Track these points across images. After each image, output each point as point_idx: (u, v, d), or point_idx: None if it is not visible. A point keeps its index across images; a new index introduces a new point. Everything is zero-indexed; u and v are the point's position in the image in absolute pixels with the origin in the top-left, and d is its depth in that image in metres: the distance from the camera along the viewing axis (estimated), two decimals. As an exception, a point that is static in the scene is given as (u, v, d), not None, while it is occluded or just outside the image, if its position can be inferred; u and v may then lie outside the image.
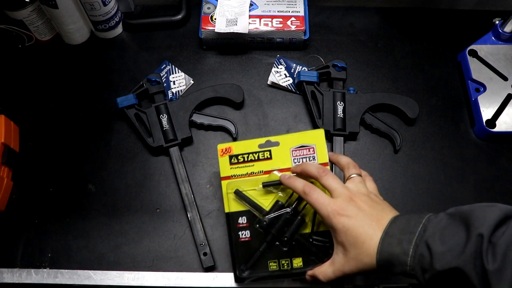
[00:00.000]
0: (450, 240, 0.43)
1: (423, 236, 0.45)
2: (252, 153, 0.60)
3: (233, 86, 0.74)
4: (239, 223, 0.59)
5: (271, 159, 0.60)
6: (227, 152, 0.61)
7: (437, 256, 0.43)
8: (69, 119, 0.74)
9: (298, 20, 0.77)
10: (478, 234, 0.41)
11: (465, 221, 0.44)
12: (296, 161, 0.59)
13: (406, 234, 0.46)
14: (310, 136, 0.60)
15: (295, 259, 0.57)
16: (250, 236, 0.59)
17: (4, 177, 0.67)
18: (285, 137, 0.61)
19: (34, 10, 0.75)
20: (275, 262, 0.57)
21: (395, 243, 0.47)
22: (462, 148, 0.72)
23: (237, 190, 0.60)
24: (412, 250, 0.45)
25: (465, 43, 0.79)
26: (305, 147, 0.60)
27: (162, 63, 0.78)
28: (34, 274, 0.63)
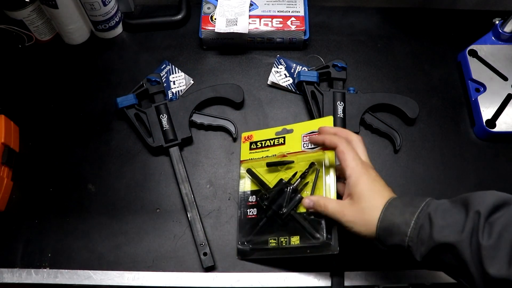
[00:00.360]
0: (450, 218, 0.45)
1: (426, 210, 0.47)
2: (269, 139, 0.67)
3: (233, 86, 0.74)
4: (249, 201, 0.64)
5: (284, 144, 0.65)
6: (248, 139, 0.69)
7: (437, 228, 0.45)
8: (69, 119, 0.74)
9: (298, 20, 0.77)
10: (476, 211, 0.43)
11: (465, 203, 0.45)
12: (305, 146, 0.63)
13: (409, 207, 0.48)
14: (320, 123, 0.64)
15: (293, 237, 0.59)
16: (256, 214, 0.63)
17: (4, 177, 0.67)
18: (299, 125, 0.66)
19: (34, 10, 0.75)
20: (274, 239, 0.60)
21: (397, 214, 0.48)
22: (462, 148, 0.72)
23: (249, 169, 0.66)
24: (414, 221, 0.47)
25: (465, 43, 0.79)
26: (314, 133, 0.63)
27: (162, 63, 0.78)
28: (34, 274, 0.63)
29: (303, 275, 0.63)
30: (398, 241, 0.48)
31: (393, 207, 0.49)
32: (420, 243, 0.46)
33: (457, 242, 0.43)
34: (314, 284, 0.63)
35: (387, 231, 0.49)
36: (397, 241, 0.48)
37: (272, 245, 0.60)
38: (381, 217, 0.49)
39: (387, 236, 0.49)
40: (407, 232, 0.47)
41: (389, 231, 0.48)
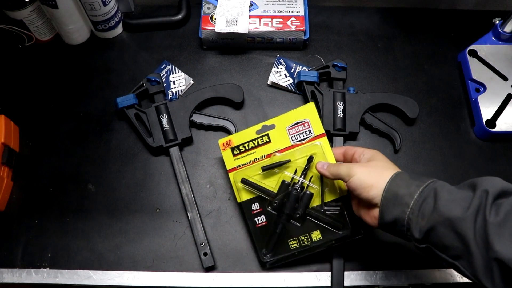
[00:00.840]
0: (457, 194, 0.45)
1: (432, 185, 0.47)
2: (251, 140, 0.63)
3: (233, 86, 0.74)
4: (253, 209, 0.61)
5: (271, 142, 0.63)
6: (228, 145, 0.64)
7: (442, 202, 0.44)
8: (69, 119, 0.74)
9: (298, 20, 0.77)
10: (484, 190, 0.43)
11: (472, 185, 0.46)
12: (294, 139, 0.62)
13: (416, 181, 0.48)
14: (302, 112, 0.62)
15: (313, 233, 0.60)
16: (266, 221, 0.61)
17: (4, 177, 0.67)
18: (279, 119, 0.63)
19: (34, 10, 0.75)
20: (295, 240, 0.60)
21: (403, 185, 0.48)
22: (462, 148, 0.72)
23: (243, 178, 0.62)
24: (418, 194, 0.47)
25: (465, 43, 0.79)
26: (300, 123, 0.62)
27: (162, 63, 0.78)
28: (34, 274, 0.63)
29: (303, 275, 0.63)
30: (399, 213, 0.47)
31: (400, 179, 0.49)
32: (421, 217, 0.46)
33: (461, 217, 0.42)
34: (314, 284, 0.63)
35: (390, 202, 0.48)
36: (398, 213, 0.47)
37: (294, 247, 0.60)
38: (386, 187, 0.49)
39: (390, 207, 0.48)
40: (410, 203, 0.47)
41: (392, 201, 0.48)
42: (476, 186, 0.45)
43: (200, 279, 0.63)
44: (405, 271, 0.63)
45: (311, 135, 0.62)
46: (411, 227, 0.47)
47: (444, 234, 0.44)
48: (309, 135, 0.62)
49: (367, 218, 0.53)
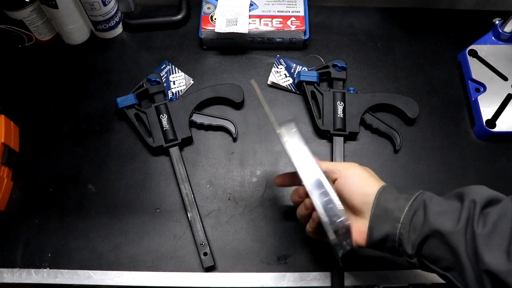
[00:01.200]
0: (446, 206, 0.45)
1: (421, 198, 0.46)
2: None
3: (233, 86, 0.74)
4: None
5: None
6: None
7: (432, 214, 0.44)
8: (69, 119, 0.74)
9: (298, 20, 0.77)
10: (472, 200, 0.43)
11: (459, 195, 0.45)
12: None
13: (403, 194, 0.47)
14: None
15: None
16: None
17: (4, 177, 0.67)
18: None
19: (34, 10, 0.75)
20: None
21: (391, 199, 0.47)
22: (462, 148, 0.72)
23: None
24: (408, 207, 0.46)
25: (465, 43, 0.79)
26: None
27: (162, 63, 0.78)
28: (34, 274, 0.63)
29: (303, 275, 0.63)
30: (389, 229, 0.46)
31: (387, 192, 0.48)
32: (412, 231, 0.45)
33: (452, 231, 0.42)
34: (314, 284, 0.63)
35: (380, 218, 0.47)
36: (388, 229, 0.46)
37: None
38: (375, 202, 0.48)
39: (380, 222, 0.47)
40: (400, 218, 0.46)
41: (381, 217, 0.47)
42: (464, 197, 0.44)
43: (200, 279, 0.63)
44: (405, 271, 0.63)
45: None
46: (403, 242, 0.46)
47: (435, 247, 0.44)
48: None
49: (355, 235, 0.49)
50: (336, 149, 0.70)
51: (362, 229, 0.49)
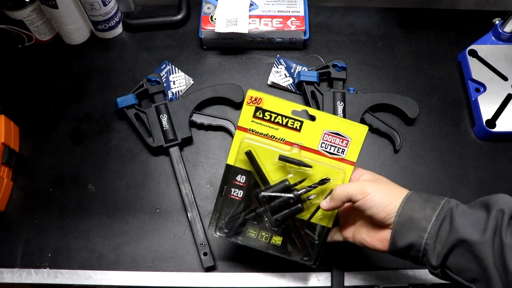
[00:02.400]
0: (472, 216, 0.44)
1: (447, 207, 0.45)
2: (282, 115, 0.54)
3: (233, 86, 0.74)
4: (236, 180, 0.55)
5: (299, 132, 0.54)
6: (255, 102, 0.54)
7: (458, 224, 0.43)
8: (69, 119, 0.74)
9: (298, 20, 0.77)
10: (499, 209, 0.42)
11: (485, 204, 0.44)
12: (323, 146, 0.54)
13: (429, 203, 0.46)
14: (352, 127, 0.54)
15: (276, 236, 0.55)
16: (241, 197, 0.55)
17: (4, 177, 0.67)
18: (324, 115, 0.54)
19: (34, 10, 0.75)
20: (254, 231, 0.56)
21: (417, 208, 0.46)
22: (462, 148, 0.72)
23: (249, 152, 0.54)
24: (435, 217, 0.45)
25: (465, 43, 0.79)
26: (340, 136, 0.54)
27: (162, 63, 0.78)
28: (34, 274, 0.63)
29: (303, 275, 0.63)
30: (415, 238, 0.45)
31: (413, 201, 0.47)
32: (439, 241, 0.44)
33: (479, 241, 0.41)
34: (314, 284, 0.63)
35: (405, 226, 0.46)
36: (414, 238, 0.45)
37: (250, 236, 0.56)
38: (399, 210, 0.46)
39: (404, 231, 0.46)
40: (427, 228, 0.45)
41: (406, 226, 0.46)
42: (490, 206, 0.43)
43: (200, 279, 0.63)
44: (405, 271, 0.63)
45: (342, 155, 0.54)
46: (428, 253, 0.45)
47: (461, 257, 0.43)
48: (340, 154, 0.54)
49: (374, 242, 0.49)
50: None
51: (383, 237, 0.48)
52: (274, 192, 0.54)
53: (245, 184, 0.55)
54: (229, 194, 0.55)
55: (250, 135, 0.55)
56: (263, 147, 0.54)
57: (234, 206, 0.56)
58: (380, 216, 0.47)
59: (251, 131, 0.55)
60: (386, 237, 0.48)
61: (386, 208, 0.47)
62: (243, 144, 0.54)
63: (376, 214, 0.47)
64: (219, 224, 0.56)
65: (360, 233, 0.52)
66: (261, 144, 0.54)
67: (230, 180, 0.55)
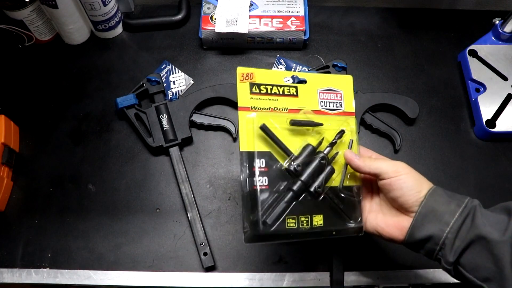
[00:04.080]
0: (493, 217, 0.44)
1: (471, 204, 0.45)
2: (276, 85, 0.53)
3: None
4: (257, 166, 0.49)
5: (297, 97, 0.54)
6: (248, 78, 0.52)
7: (480, 222, 0.43)
8: (69, 119, 0.74)
9: (298, 20, 0.77)
10: None
11: (506, 208, 0.44)
12: (323, 104, 0.54)
13: (454, 199, 0.46)
14: (339, 80, 0.56)
15: (316, 216, 0.50)
16: (268, 184, 0.49)
17: (4, 177, 0.67)
18: (312, 76, 0.56)
19: (34, 10, 0.75)
20: (293, 219, 0.49)
21: (442, 202, 0.46)
22: (462, 148, 0.72)
23: (264, 125, 0.50)
24: (460, 213, 0.45)
25: (465, 43, 0.79)
26: (332, 91, 0.55)
27: (162, 63, 0.78)
28: (34, 274, 0.63)
29: (303, 275, 0.63)
30: (436, 231, 0.45)
31: (438, 194, 0.47)
32: (459, 237, 0.44)
33: (499, 240, 0.42)
34: (314, 284, 0.63)
35: (427, 218, 0.46)
36: (434, 230, 0.45)
37: (290, 227, 0.48)
38: (424, 201, 0.46)
39: (426, 223, 0.46)
40: (450, 222, 0.45)
41: (429, 217, 0.46)
42: (511, 210, 0.44)
43: (200, 279, 0.63)
44: (405, 271, 0.63)
45: (341, 108, 0.55)
46: (446, 247, 0.45)
47: (478, 254, 0.43)
48: (339, 108, 0.55)
49: (391, 229, 0.48)
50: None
51: (403, 225, 0.47)
52: (303, 159, 0.50)
53: (267, 169, 0.49)
54: (253, 186, 0.49)
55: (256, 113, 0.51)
56: (274, 115, 0.52)
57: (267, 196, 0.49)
58: (407, 200, 0.47)
59: (254, 108, 0.52)
60: (405, 225, 0.47)
61: (415, 194, 0.47)
62: (252, 121, 0.50)
63: (405, 196, 0.47)
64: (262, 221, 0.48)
65: (376, 219, 0.50)
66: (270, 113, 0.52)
67: (249, 169, 0.49)
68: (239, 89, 0.52)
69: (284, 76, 0.54)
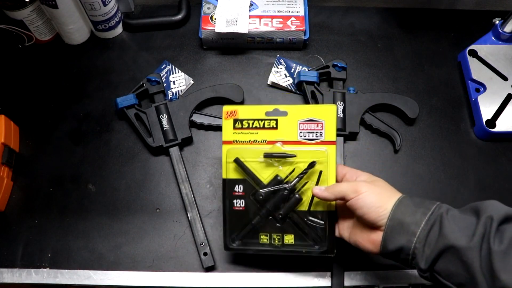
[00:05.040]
0: (461, 222, 0.44)
1: (437, 212, 0.46)
2: (257, 120, 0.59)
3: (233, 86, 0.74)
4: (235, 191, 0.58)
5: (277, 129, 0.58)
6: (232, 115, 0.59)
7: (447, 230, 0.44)
8: (69, 119, 0.74)
9: (298, 20, 0.77)
10: (488, 216, 0.42)
11: (475, 210, 0.45)
12: (302, 135, 0.58)
13: (420, 207, 0.47)
14: (322, 110, 0.58)
15: (287, 235, 0.57)
16: (244, 206, 0.58)
17: (4, 177, 0.67)
18: (294, 108, 0.59)
19: (34, 10, 0.75)
20: (266, 236, 0.58)
21: (408, 213, 0.47)
22: (462, 148, 0.72)
23: (237, 158, 0.58)
24: (425, 222, 0.46)
25: (465, 43, 0.79)
26: (313, 121, 0.58)
27: (162, 63, 0.78)
28: (34, 274, 0.63)
29: (303, 275, 0.63)
30: (404, 242, 0.46)
31: (404, 205, 0.48)
32: (428, 246, 0.45)
33: (467, 246, 0.42)
34: (314, 284, 0.63)
35: (395, 230, 0.47)
36: (403, 242, 0.46)
37: (263, 242, 0.58)
38: (391, 214, 0.48)
39: (395, 235, 0.47)
40: (416, 232, 0.46)
41: (397, 230, 0.47)
42: (480, 212, 0.44)
43: (200, 279, 0.63)
44: (405, 271, 0.63)
45: (321, 138, 0.58)
46: (417, 256, 0.46)
47: (449, 262, 0.43)
48: (319, 137, 0.58)
49: (366, 244, 0.51)
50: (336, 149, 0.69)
51: (375, 239, 0.49)
52: (268, 188, 0.57)
53: (244, 193, 0.58)
54: (232, 206, 0.58)
55: (234, 145, 0.59)
56: (247, 149, 0.58)
57: (241, 216, 0.58)
58: (371, 217, 0.49)
59: (235, 142, 0.59)
60: (378, 239, 0.49)
61: (377, 210, 0.48)
62: (229, 154, 0.58)
63: (367, 214, 0.49)
64: (231, 237, 0.59)
65: (355, 235, 0.53)
66: (245, 147, 0.58)
67: (230, 193, 0.58)
68: (223, 125, 0.59)
69: (266, 110, 0.59)
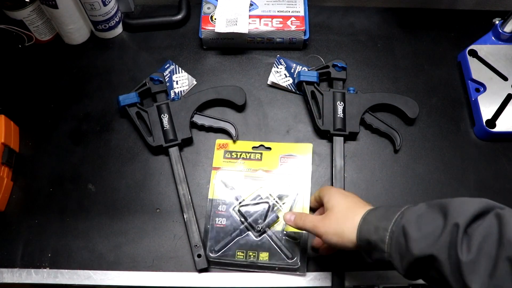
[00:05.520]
0: (426, 227, 0.44)
1: (400, 222, 0.46)
2: (245, 152, 0.70)
3: (236, 88, 0.73)
4: (219, 210, 0.66)
5: (261, 161, 0.69)
6: (223, 147, 0.71)
7: (412, 242, 0.43)
8: (69, 119, 0.74)
9: (298, 20, 0.77)
10: (454, 223, 0.41)
11: (443, 210, 0.43)
12: (281, 165, 0.69)
13: (382, 221, 0.48)
14: (300, 147, 0.70)
15: (262, 253, 0.63)
16: (225, 224, 0.65)
17: (4, 177, 0.67)
18: (278, 145, 0.70)
19: (34, 10, 0.75)
20: (242, 252, 0.63)
21: (372, 231, 0.48)
22: (462, 148, 0.72)
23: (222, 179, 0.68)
24: (388, 237, 0.46)
25: (465, 43, 0.79)
26: (292, 156, 0.70)
27: (166, 63, 0.78)
28: (34, 274, 0.63)
29: (303, 275, 0.63)
30: (379, 256, 0.48)
31: (367, 223, 0.49)
32: (400, 258, 0.45)
33: (435, 254, 0.42)
34: (314, 284, 0.63)
35: (366, 249, 0.49)
36: (378, 256, 0.48)
37: (239, 258, 0.63)
38: (357, 236, 0.50)
39: (370, 252, 0.49)
40: (384, 249, 0.47)
41: (367, 249, 0.49)
42: (447, 215, 0.42)
43: (199, 279, 0.63)
44: (405, 271, 0.63)
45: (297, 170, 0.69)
46: (394, 265, 0.47)
47: (423, 270, 0.44)
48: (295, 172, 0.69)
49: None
50: (336, 149, 0.70)
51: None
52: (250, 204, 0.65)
53: (225, 212, 0.66)
54: (215, 224, 0.65)
55: (222, 171, 0.69)
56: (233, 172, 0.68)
57: (222, 231, 0.64)
58: (344, 247, 0.52)
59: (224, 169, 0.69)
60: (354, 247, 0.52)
61: (344, 241, 0.51)
62: (217, 177, 0.68)
63: (339, 247, 0.52)
64: (211, 249, 0.64)
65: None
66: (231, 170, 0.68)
67: (214, 211, 0.66)
68: (215, 155, 0.70)
69: (253, 145, 0.70)
